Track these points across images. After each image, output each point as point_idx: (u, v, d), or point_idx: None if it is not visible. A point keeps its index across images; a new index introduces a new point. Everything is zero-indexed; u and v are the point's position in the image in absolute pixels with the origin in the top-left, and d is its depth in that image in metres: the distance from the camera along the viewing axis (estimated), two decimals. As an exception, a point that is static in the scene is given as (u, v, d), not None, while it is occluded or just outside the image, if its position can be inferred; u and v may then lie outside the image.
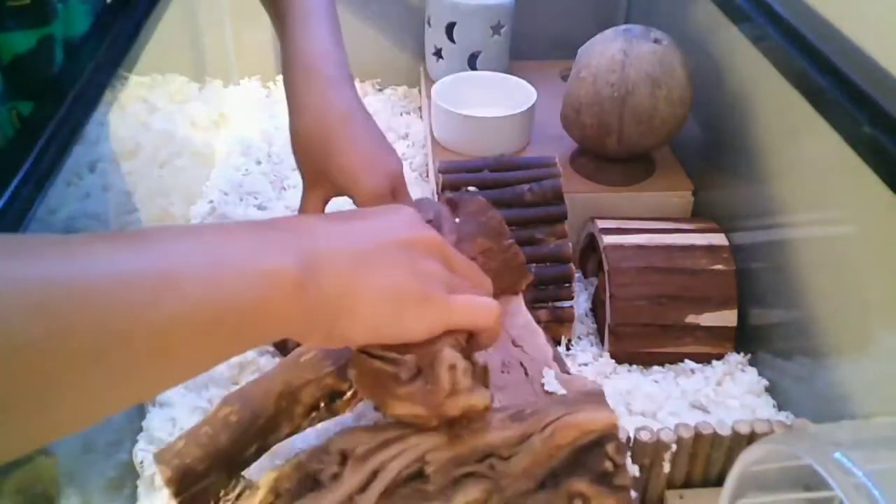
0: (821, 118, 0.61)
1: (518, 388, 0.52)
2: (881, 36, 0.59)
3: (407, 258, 0.39)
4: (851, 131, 0.58)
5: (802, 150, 0.68)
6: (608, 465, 0.42)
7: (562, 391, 0.50)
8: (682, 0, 0.92)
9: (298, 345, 0.72)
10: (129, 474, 0.63)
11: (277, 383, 0.56)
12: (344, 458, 0.41)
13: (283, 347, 0.72)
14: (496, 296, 0.47)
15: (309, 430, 0.51)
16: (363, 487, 0.40)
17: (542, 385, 0.52)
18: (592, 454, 0.42)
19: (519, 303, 0.58)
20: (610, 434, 0.42)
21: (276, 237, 0.34)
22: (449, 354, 0.40)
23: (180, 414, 0.66)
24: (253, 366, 0.71)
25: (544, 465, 0.42)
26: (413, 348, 0.41)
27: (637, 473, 0.58)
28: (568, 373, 0.54)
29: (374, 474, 0.41)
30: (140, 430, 0.66)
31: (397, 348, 0.41)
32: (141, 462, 0.63)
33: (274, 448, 0.52)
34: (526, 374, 0.53)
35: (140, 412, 0.67)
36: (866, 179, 0.56)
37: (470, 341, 0.43)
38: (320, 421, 0.58)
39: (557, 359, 0.55)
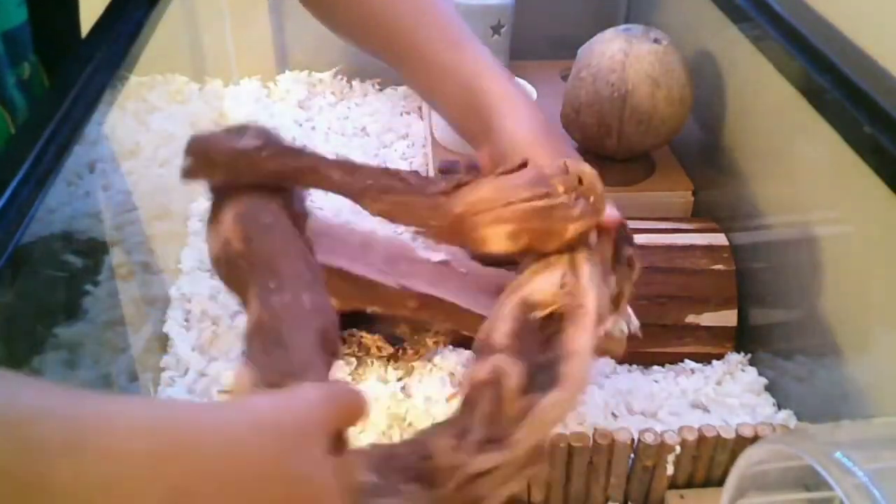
0: (821, 118, 0.61)
1: None
2: (881, 36, 0.59)
3: None
4: (851, 131, 0.58)
5: (802, 150, 0.68)
6: None
7: None
8: (682, 0, 0.92)
9: None
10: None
11: None
12: None
13: None
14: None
15: None
16: None
17: None
18: None
19: None
20: None
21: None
22: None
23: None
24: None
25: None
26: None
27: None
28: None
29: None
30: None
31: None
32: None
33: None
34: None
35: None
36: (866, 179, 0.56)
37: None
38: None
39: None
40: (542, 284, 0.44)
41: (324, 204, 0.89)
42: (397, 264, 0.56)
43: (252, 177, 0.49)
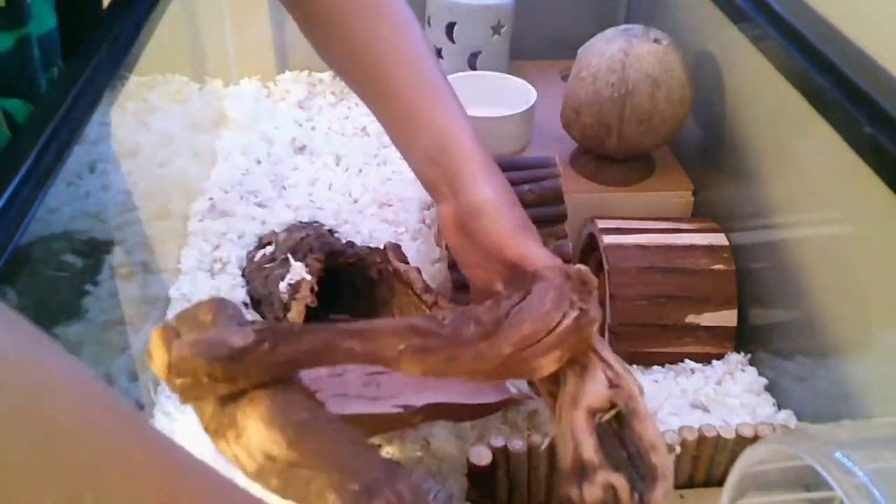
0: (821, 118, 0.61)
1: None
2: (881, 36, 0.59)
3: None
4: (851, 131, 0.58)
5: (802, 150, 0.68)
6: None
7: None
8: (682, 0, 0.92)
9: None
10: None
11: None
12: None
13: None
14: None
15: None
16: None
17: None
18: None
19: None
20: None
21: None
22: None
23: (185, 426, 0.66)
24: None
25: None
26: None
27: None
28: None
29: None
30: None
31: None
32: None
33: None
34: None
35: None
36: (866, 179, 0.56)
37: None
38: None
39: None
40: (595, 390, 0.47)
41: (324, 204, 0.89)
42: (377, 383, 0.57)
43: (259, 374, 0.43)
